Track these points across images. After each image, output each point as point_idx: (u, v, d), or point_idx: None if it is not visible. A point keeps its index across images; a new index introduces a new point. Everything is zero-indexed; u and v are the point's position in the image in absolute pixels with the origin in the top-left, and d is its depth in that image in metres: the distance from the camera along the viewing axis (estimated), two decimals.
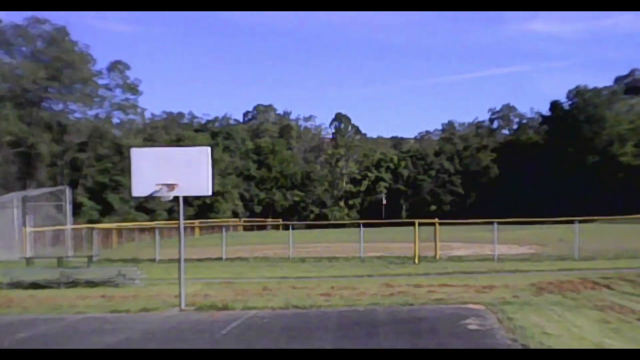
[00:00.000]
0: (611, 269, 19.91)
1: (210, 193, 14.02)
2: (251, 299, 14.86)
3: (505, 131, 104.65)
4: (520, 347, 9.13)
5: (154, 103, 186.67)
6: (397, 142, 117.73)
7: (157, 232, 30.10)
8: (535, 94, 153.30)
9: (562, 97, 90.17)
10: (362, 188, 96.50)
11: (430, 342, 9.79)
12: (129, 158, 14.13)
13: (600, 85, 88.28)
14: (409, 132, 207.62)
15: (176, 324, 12.10)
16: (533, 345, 9.20)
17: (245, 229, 62.87)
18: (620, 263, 21.88)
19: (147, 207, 66.96)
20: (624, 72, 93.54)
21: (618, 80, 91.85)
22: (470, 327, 10.87)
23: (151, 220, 62.18)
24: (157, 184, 13.62)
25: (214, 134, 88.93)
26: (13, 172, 61.17)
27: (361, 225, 28.61)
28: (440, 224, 27.52)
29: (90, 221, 52.54)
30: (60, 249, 31.48)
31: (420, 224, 25.95)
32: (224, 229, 31.16)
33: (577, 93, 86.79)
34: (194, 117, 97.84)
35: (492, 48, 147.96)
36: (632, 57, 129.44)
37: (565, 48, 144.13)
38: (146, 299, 15.20)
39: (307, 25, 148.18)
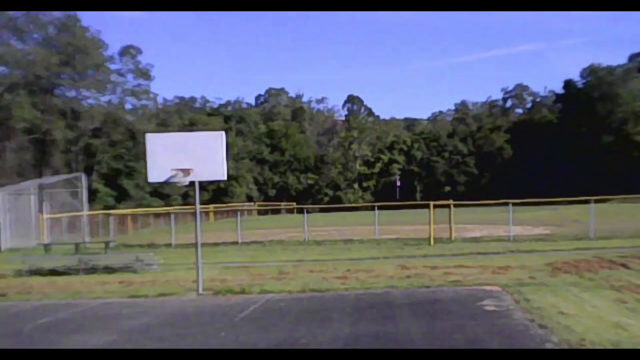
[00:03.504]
0: (627, 248, 19.86)
1: (225, 177, 14.01)
2: (268, 282, 14.94)
3: (519, 110, 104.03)
4: (538, 326, 9.15)
5: (166, 88, 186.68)
6: (410, 123, 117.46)
7: (172, 217, 30.27)
8: (549, 73, 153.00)
9: (575, 76, 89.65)
10: (376, 170, 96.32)
11: (447, 323, 9.82)
12: (142, 143, 14.17)
13: (614, 63, 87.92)
14: (422, 113, 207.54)
15: (194, 309, 12.20)
16: (550, 325, 9.22)
17: (260, 212, 63.04)
18: (637, 242, 21.79)
19: (162, 192, 67.37)
20: (638, 50, 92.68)
21: (632, 57, 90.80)
22: (487, 308, 10.89)
23: (166, 205, 62.53)
24: (173, 169, 13.68)
25: (227, 118, 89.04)
26: (28, 159, 61.62)
27: (376, 207, 28.66)
28: (455, 205, 27.49)
29: (106, 207, 52.85)
30: (77, 235, 31.70)
31: (434, 206, 25.94)
32: (238, 214, 31.26)
33: (591, 71, 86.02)
34: (207, 101, 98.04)
35: (505, 27, 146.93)
36: None
37: (578, 26, 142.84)
38: (164, 284, 15.32)
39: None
